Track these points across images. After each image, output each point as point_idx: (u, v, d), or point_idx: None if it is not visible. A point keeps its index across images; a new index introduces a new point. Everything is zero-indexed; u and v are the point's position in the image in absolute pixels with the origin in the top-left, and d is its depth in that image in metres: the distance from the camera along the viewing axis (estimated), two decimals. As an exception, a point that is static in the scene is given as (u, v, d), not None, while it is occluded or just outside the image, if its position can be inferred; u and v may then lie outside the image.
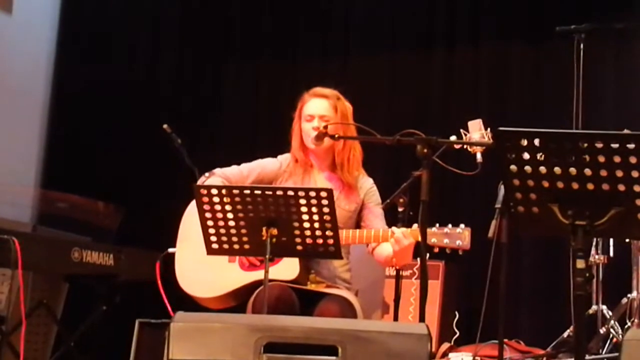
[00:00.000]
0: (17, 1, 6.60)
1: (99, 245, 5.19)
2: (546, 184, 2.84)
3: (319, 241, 3.45)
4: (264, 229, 3.42)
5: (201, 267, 3.90)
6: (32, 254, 4.68)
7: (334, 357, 2.76)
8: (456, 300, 5.66)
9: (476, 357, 4.78)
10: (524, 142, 2.81)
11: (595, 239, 4.93)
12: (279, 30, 6.69)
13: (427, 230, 3.57)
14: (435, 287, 5.40)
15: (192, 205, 3.96)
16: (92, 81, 6.68)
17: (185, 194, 3.91)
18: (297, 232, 3.44)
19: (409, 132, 3.62)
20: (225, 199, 3.43)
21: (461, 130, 3.76)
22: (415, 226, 3.71)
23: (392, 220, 4.04)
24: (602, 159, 2.76)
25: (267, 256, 3.40)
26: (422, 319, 3.52)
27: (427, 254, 3.64)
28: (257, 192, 3.41)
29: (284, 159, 4.08)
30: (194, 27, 6.87)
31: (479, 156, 3.73)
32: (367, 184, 4.05)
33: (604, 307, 4.97)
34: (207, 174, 4.02)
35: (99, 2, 7.02)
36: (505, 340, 4.49)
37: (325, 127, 3.85)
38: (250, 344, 2.77)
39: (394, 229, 3.75)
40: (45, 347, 5.32)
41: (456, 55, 6.30)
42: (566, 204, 2.85)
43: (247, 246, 3.50)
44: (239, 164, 4.09)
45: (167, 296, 3.99)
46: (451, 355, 5.07)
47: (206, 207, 3.45)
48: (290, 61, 6.65)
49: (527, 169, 2.84)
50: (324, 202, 3.38)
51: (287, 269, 3.79)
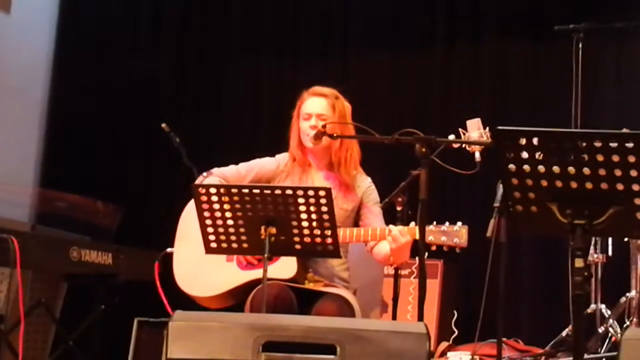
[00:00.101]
0: (15, 0, 6.59)
1: (98, 244, 5.19)
2: (545, 183, 2.84)
3: (318, 240, 3.45)
4: (263, 228, 3.42)
5: (199, 266, 3.90)
6: (31, 253, 4.69)
7: (333, 356, 2.76)
8: (455, 299, 5.66)
9: (475, 356, 4.78)
10: (523, 141, 2.81)
11: (594, 238, 4.93)
12: (279, 30, 6.69)
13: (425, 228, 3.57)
14: (434, 286, 5.40)
15: (190, 205, 3.97)
16: (90, 81, 6.67)
17: (184, 193, 3.91)
18: (295, 231, 3.44)
19: (408, 131, 3.62)
20: (223, 198, 3.43)
21: (460, 129, 3.76)
22: (412, 224, 3.71)
23: (391, 219, 4.03)
24: (600, 158, 2.75)
25: (266, 255, 3.40)
26: (420, 318, 3.52)
27: (426, 253, 3.64)
28: (256, 191, 3.41)
29: (282, 158, 4.08)
30: (194, 26, 6.86)
31: (477, 155, 3.73)
32: (365, 183, 4.05)
33: (603, 306, 4.97)
34: (204, 174, 4.01)
35: (98, 2, 7.02)
36: (503, 339, 4.50)
37: (323, 126, 3.84)
38: (249, 342, 2.77)
39: (391, 227, 3.74)
40: (44, 346, 5.32)
41: (455, 54, 6.30)
42: (565, 203, 2.84)
43: (245, 245, 3.51)
44: (237, 163, 4.09)
45: (166, 296, 3.99)
46: (450, 354, 5.07)
47: (205, 206, 3.45)
48: (290, 61, 6.65)
49: (526, 168, 2.83)
50: (323, 201, 3.38)
51: (284, 268, 3.79)
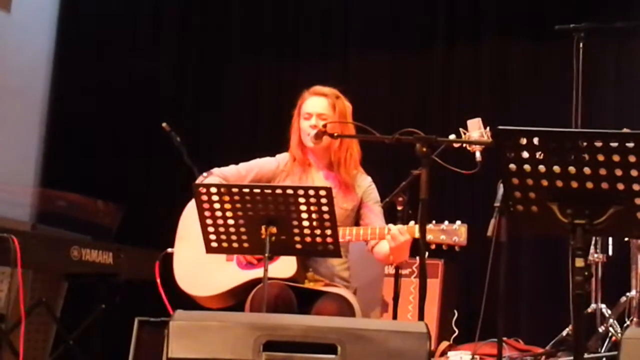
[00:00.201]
0: (16, 0, 6.59)
1: (99, 243, 5.20)
2: (545, 183, 2.84)
3: (318, 240, 3.45)
4: (263, 227, 3.42)
5: (199, 266, 3.90)
6: (32, 252, 4.69)
7: (333, 356, 2.76)
8: (455, 298, 5.66)
9: (475, 356, 4.78)
10: (523, 141, 2.81)
11: (594, 238, 4.93)
12: (279, 30, 6.69)
13: (424, 227, 3.58)
14: (434, 286, 5.40)
15: (191, 205, 3.97)
16: (91, 80, 6.67)
17: (184, 192, 3.91)
18: (296, 230, 3.44)
19: (408, 130, 3.62)
20: (224, 198, 3.43)
21: (460, 129, 3.76)
22: (411, 223, 3.71)
23: (392, 219, 4.03)
24: (601, 157, 2.75)
25: (267, 255, 3.40)
26: (421, 317, 3.52)
27: (427, 253, 3.64)
28: (257, 190, 3.41)
29: (282, 158, 4.08)
30: (194, 26, 6.86)
31: (478, 155, 3.73)
32: (365, 182, 4.05)
33: (603, 306, 4.97)
34: (205, 174, 4.01)
35: (98, 1, 7.01)
36: (504, 338, 4.50)
37: (324, 126, 3.85)
38: (249, 342, 2.77)
39: (390, 225, 3.75)
40: (44, 345, 5.32)
41: (455, 54, 6.29)
42: (565, 203, 2.84)
43: (246, 245, 3.51)
44: (237, 163, 4.09)
45: (167, 295, 3.99)
46: (450, 353, 5.07)
47: (205, 205, 3.45)
48: (290, 61, 6.64)
49: (527, 167, 2.83)
50: (323, 200, 3.38)
51: (284, 267, 3.79)
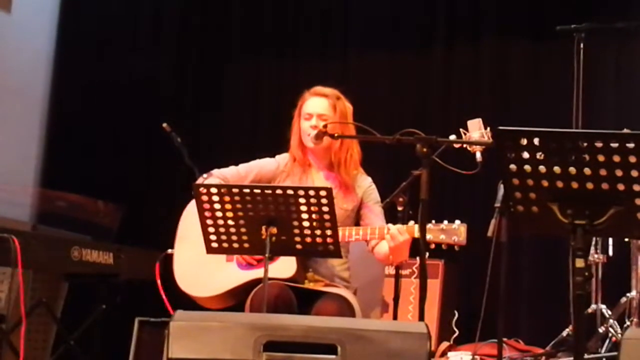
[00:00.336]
0: (16, 0, 6.59)
1: (99, 244, 5.19)
2: (545, 183, 2.84)
3: (319, 240, 3.45)
4: (264, 228, 3.42)
5: (199, 267, 3.90)
6: (32, 252, 4.69)
7: (333, 356, 2.76)
8: (456, 299, 5.66)
9: (475, 356, 4.78)
10: (524, 142, 2.81)
11: (594, 238, 4.93)
12: (279, 30, 6.69)
13: (424, 227, 3.58)
14: (434, 286, 5.40)
15: (190, 205, 3.97)
16: (91, 80, 6.67)
17: (184, 193, 3.91)
18: (296, 231, 3.44)
19: (409, 131, 3.62)
20: (224, 198, 3.43)
21: (461, 129, 3.76)
22: (411, 223, 3.71)
23: (392, 219, 4.03)
24: (601, 158, 2.75)
25: (267, 255, 3.40)
26: (421, 317, 3.52)
27: (427, 253, 3.64)
28: (257, 191, 3.41)
29: (282, 158, 4.08)
30: (194, 26, 6.86)
31: (478, 155, 3.73)
32: (365, 182, 4.05)
33: (603, 306, 4.97)
34: (205, 175, 4.01)
35: (98, 1, 7.02)
36: (504, 339, 4.50)
37: (324, 126, 3.85)
38: (249, 342, 2.77)
39: (389, 225, 3.75)
40: (45, 345, 5.32)
41: (455, 54, 6.30)
42: (566, 203, 2.84)
43: (246, 245, 3.51)
44: (237, 163, 4.09)
45: (167, 296, 3.99)
46: (450, 354, 5.07)
47: (206, 206, 3.45)
48: (290, 61, 6.65)
49: (527, 168, 2.83)
50: (324, 201, 3.38)
51: (284, 267, 3.79)
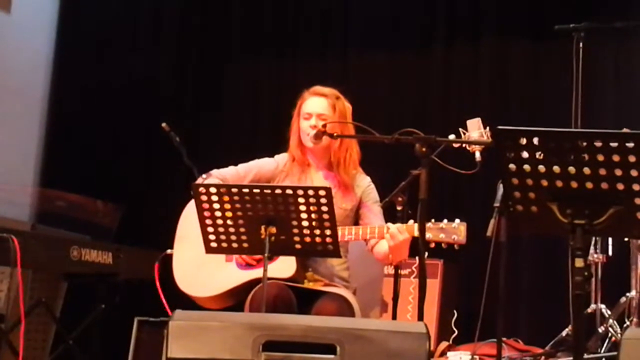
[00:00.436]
0: (15, 0, 6.59)
1: (98, 243, 5.19)
2: (545, 183, 2.84)
3: (318, 240, 3.45)
4: (263, 227, 3.42)
5: (199, 267, 3.90)
6: (31, 252, 4.69)
7: (333, 356, 2.76)
8: (455, 299, 5.65)
9: (475, 356, 4.78)
10: (523, 141, 2.81)
11: (594, 238, 4.93)
12: (279, 30, 6.69)
13: (423, 226, 3.58)
14: (434, 286, 5.40)
15: (189, 206, 3.97)
16: (90, 80, 6.67)
17: (184, 192, 3.91)
18: (295, 230, 3.44)
19: (408, 130, 3.62)
20: (224, 198, 3.43)
21: (460, 129, 3.76)
22: (411, 222, 3.71)
23: (391, 218, 4.03)
24: (601, 157, 2.75)
25: (266, 255, 3.40)
26: (420, 317, 3.52)
27: (426, 253, 3.64)
28: (256, 190, 3.41)
29: (281, 158, 4.08)
30: (194, 26, 6.86)
31: (477, 155, 3.72)
32: (364, 182, 4.05)
33: (603, 306, 4.97)
34: (204, 176, 4.01)
35: (98, 1, 7.01)
36: (503, 339, 4.49)
37: (324, 126, 3.85)
38: (248, 342, 2.77)
39: (389, 224, 3.75)
40: (44, 345, 5.32)
41: (455, 54, 6.29)
42: (565, 203, 2.84)
43: (245, 245, 3.51)
44: (237, 163, 4.09)
45: (166, 296, 3.99)
46: (450, 354, 5.06)
47: (205, 205, 3.45)
48: (290, 61, 6.64)
49: (526, 167, 2.83)
50: (323, 200, 3.38)
51: (283, 267, 3.79)
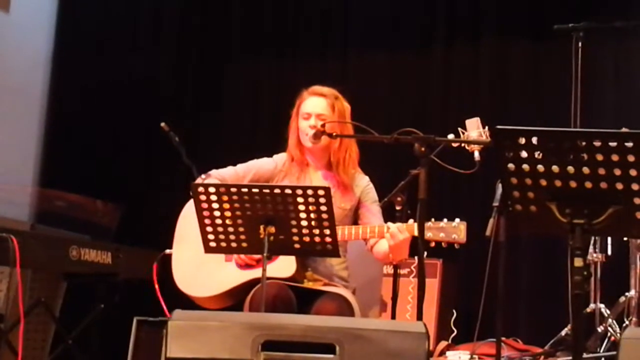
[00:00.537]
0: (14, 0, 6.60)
1: (97, 243, 5.19)
2: (544, 183, 2.83)
3: (317, 239, 3.45)
4: (262, 227, 3.42)
5: (198, 267, 3.90)
6: (31, 252, 4.69)
7: (332, 356, 2.76)
8: (454, 298, 5.65)
9: (474, 356, 4.78)
10: (522, 141, 2.80)
11: (593, 238, 4.93)
12: (279, 30, 6.69)
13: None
14: (433, 286, 5.40)
15: (188, 206, 3.98)
16: (90, 80, 6.67)
17: (183, 192, 3.91)
18: (294, 230, 3.44)
19: (407, 130, 3.62)
20: (223, 198, 3.43)
21: (459, 128, 3.76)
22: (411, 221, 3.71)
23: (390, 218, 4.03)
24: (600, 157, 2.75)
25: (265, 254, 3.40)
26: (419, 317, 3.52)
27: (425, 252, 3.64)
28: (255, 190, 3.41)
29: (280, 158, 4.08)
30: (194, 26, 6.86)
31: (476, 154, 3.73)
32: (363, 182, 4.05)
33: (602, 306, 4.97)
34: (203, 176, 4.01)
35: (97, 1, 7.01)
36: (503, 338, 4.49)
37: (323, 126, 3.85)
38: (248, 341, 2.77)
39: (389, 224, 3.75)
40: (43, 345, 5.32)
41: (455, 54, 6.29)
42: (564, 203, 2.84)
43: (245, 244, 3.50)
44: (236, 163, 4.09)
45: (165, 296, 3.99)
46: (449, 353, 5.07)
47: (204, 205, 3.45)
48: (290, 61, 6.64)
49: (525, 167, 2.83)
50: (322, 200, 3.38)
51: (283, 267, 3.79)
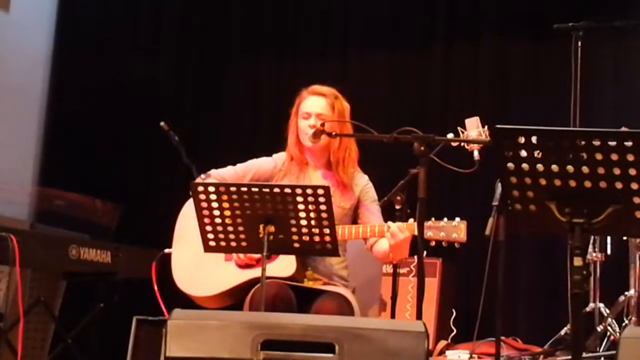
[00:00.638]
0: (14, -1, 6.60)
1: (97, 242, 5.19)
2: (543, 182, 2.83)
3: (316, 239, 3.45)
4: (261, 226, 3.41)
5: (198, 266, 3.90)
6: (30, 251, 4.69)
7: (331, 355, 2.76)
8: (453, 297, 5.66)
9: (473, 355, 4.78)
10: (522, 140, 2.80)
11: (592, 237, 4.93)
12: (279, 30, 6.69)
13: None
14: (432, 285, 5.40)
15: (187, 206, 3.98)
16: (90, 80, 6.67)
17: (183, 192, 3.91)
18: (294, 229, 3.44)
19: (407, 129, 3.62)
20: (222, 197, 3.43)
21: (458, 128, 3.76)
22: (411, 220, 3.71)
23: (390, 218, 4.03)
24: (599, 156, 2.74)
25: (264, 253, 3.40)
26: (419, 316, 3.52)
27: (425, 252, 3.64)
28: (255, 189, 3.41)
29: (279, 157, 4.08)
30: (194, 26, 6.86)
31: (476, 154, 3.73)
32: (362, 181, 4.05)
33: (602, 305, 4.97)
34: (202, 176, 4.01)
35: (97, 1, 7.00)
36: (502, 337, 4.49)
37: (322, 125, 3.85)
38: (247, 341, 2.77)
39: (389, 223, 3.75)
40: (43, 344, 5.32)
41: (455, 54, 6.29)
42: (564, 202, 2.83)
43: (244, 244, 3.50)
44: (235, 164, 4.09)
45: (164, 296, 3.99)
46: (448, 352, 5.07)
47: (203, 204, 3.45)
48: (290, 61, 6.64)
49: (525, 166, 2.83)
50: (321, 199, 3.38)
51: (283, 266, 3.79)
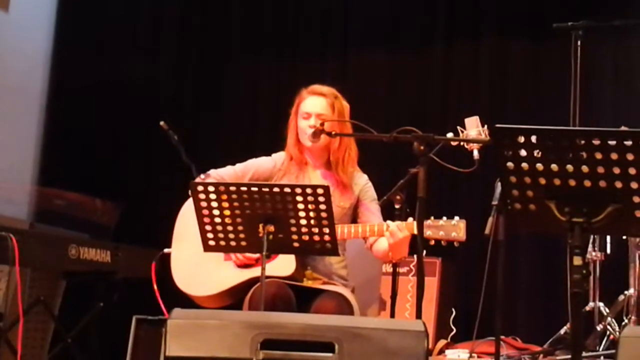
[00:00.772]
0: (14, -1, 6.60)
1: (96, 242, 5.20)
2: (543, 181, 2.83)
3: (316, 238, 3.45)
4: (261, 225, 3.42)
5: (197, 266, 3.90)
6: (30, 251, 4.69)
7: (331, 354, 2.76)
8: (453, 297, 5.66)
9: (473, 354, 4.78)
10: (521, 139, 2.80)
11: (592, 236, 4.93)
12: (279, 30, 6.69)
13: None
14: (432, 284, 5.40)
15: (186, 205, 3.98)
16: (89, 78, 6.67)
17: (183, 191, 3.91)
18: (293, 229, 3.44)
19: (406, 129, 3.62)
20: (222, 196, 3.43)
21: (458, 127, 3.76)
22: (410, 219, 3.71)
23: (390, 217, 4.03)
24: (599, 155, 2.74)
25: (264, 253, 3.40)
26: (419, 315, 3.52)
27: (424, 251, 3.64)
28: (254, 189, 3.41)
29: (278, 157, 4.08)
30: (194, 26, 6.86)
31: (475, 153, 3.72)
32: (361, 180, 4.06)
33: (601, 304, 4.97)
34: (202, 176, 4.01)
35: (97, 0, 7.00)
36: (502, 337, 4.50)
37: (322, 124, 3.85)
38: (247, 340, 2.77)
39: (389, 222, 3.75)
40: (42, 344, 5.33)
41: (455, 53, 6.29)
42: (563, 201, 2.83)
43: (244, 243, 3.51)
44: (235, 163, 4.09)
45: (164, 295, 3.99)
46: (448, 352, 5.07)
47: (203, 203, 3.45)
48: (290, 61, 6.64)
49: (524, 166, 2.83)
50: (321, 198, 3.38)
51: (283, 266, 3.79)
